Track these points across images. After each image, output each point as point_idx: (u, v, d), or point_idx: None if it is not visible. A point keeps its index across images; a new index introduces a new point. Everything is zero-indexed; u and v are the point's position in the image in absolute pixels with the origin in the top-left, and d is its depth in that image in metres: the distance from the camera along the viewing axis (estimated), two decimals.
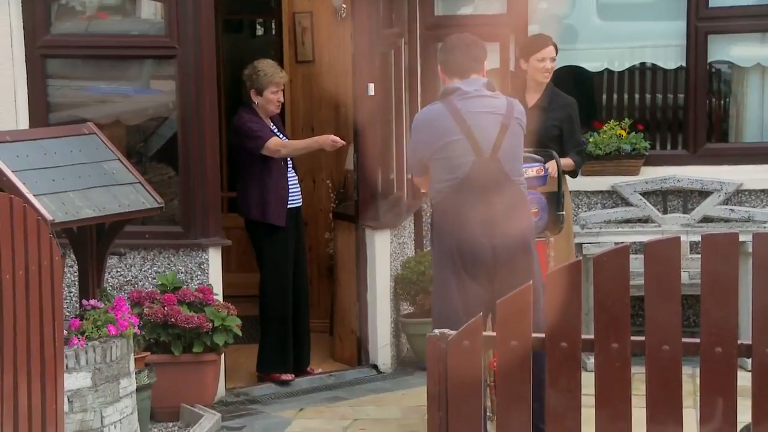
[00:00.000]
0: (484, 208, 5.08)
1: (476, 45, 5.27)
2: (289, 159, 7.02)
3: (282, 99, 7.11)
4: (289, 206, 6.96)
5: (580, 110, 6.79)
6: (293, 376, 7.04)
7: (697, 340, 3.20)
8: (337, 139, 6.90)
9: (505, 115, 5.17)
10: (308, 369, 7.19)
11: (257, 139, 6.86)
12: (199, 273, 6.62)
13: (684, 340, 3.21)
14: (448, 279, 5.13)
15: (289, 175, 7.01)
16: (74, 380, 5.16)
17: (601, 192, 7.85)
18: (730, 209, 7.66)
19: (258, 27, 10.77)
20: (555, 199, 5.98)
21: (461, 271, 5.10)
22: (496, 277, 5.06)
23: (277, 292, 6.97)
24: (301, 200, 7.13)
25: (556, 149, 6.33)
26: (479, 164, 5.09)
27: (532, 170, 5.76)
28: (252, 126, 6.88)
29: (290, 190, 6.99)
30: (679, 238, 3.25)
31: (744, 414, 3.23)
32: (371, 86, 7.10)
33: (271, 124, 7.03)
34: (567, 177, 6.61)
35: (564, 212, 6.14)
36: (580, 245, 7.21)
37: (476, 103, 5.15)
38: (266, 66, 6.99)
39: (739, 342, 3.19)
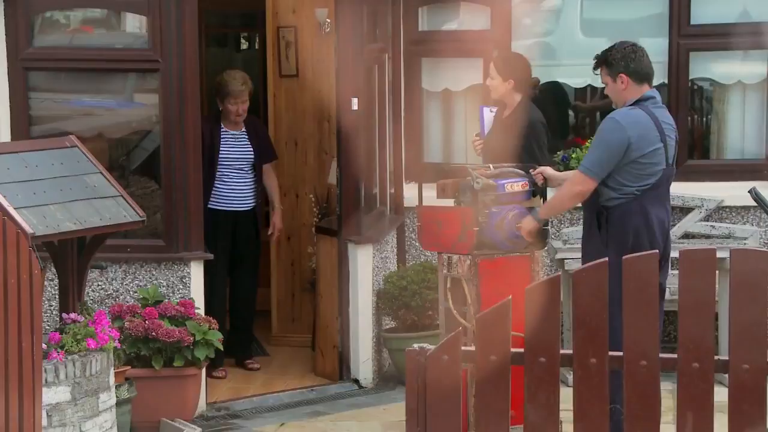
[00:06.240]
0: (662, 212, 5.38)
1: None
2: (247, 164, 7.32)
3: (241, 113, 7.29)
4: (226, 209, 7.27)
5: (562, 126, 6.75)
6: (225, 372, 7.31)
7: (675, 356, 3.21)
8: None
9: (675, 126, 5.53)
10: (246, 362, 7.50)
11: None
12: (181, 287, 6.60)
13: (662, 355, 3.22)
14: None
15: (244, 180, 7.31)
16: (53, 394, 5.14)
17: None
18: (711, 226, 7.68)
19: (242, 41, 10.78)
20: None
21: None
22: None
23: (210, 291, 6.97)
24: (252, 204, 7.40)
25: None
26: (667, 172, 5.40)
27: (518, 185, 5.75)
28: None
29: (235, 192, 7.27)
30: (657, 253, 3.26)
31: (721, 429, 3.24)
32: (355, 101, 7.11)
33: (242, 128, 7.26)
34: None
35: (549, 227, 6.11)
36: (562, 260, 7.22)
37: (663, 112, 5.48)
38: (229, 76, 7.17)
39: (716, 357, 3.20)
